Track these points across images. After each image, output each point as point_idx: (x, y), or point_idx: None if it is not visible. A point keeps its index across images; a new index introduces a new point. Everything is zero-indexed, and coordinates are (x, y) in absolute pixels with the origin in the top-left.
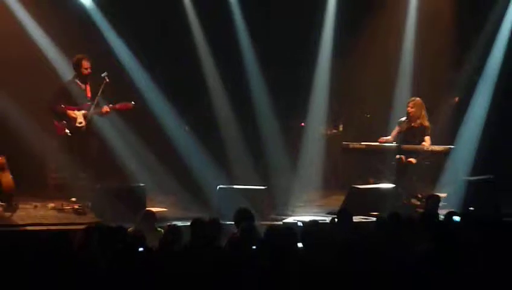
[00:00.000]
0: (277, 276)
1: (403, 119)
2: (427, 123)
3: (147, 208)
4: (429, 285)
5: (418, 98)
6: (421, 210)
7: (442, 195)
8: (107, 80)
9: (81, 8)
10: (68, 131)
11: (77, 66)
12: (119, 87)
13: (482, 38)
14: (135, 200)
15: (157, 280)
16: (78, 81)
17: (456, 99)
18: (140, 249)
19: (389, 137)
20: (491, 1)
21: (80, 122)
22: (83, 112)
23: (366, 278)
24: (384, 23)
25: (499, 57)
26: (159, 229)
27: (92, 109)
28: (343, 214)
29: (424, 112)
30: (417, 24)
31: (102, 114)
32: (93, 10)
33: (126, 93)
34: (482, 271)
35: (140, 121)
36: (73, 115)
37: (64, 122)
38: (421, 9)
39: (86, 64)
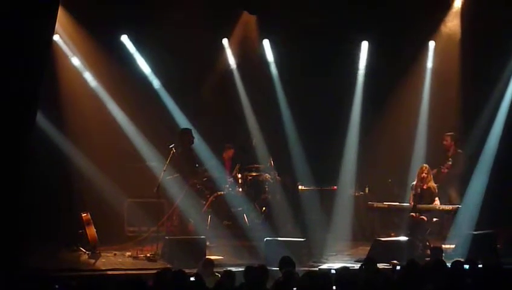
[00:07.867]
0: None
1: (414, 183)
2: (434, 185)
3: (207, 256)
4: None
5: (426, 165)
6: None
7: (451, 246)
8: (174, 151)
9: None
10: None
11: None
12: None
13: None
14: (197, 249)
15: None
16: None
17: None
18: None
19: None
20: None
21: None
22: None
23: None
24: (401, 106)
25: (497, 133)
26: (217, 273)
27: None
28: (369, 261)
29: (431, 176)
30: (429, 110)
31: None
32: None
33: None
34: None
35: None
36: None
37: None
38: (432, 95)
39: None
